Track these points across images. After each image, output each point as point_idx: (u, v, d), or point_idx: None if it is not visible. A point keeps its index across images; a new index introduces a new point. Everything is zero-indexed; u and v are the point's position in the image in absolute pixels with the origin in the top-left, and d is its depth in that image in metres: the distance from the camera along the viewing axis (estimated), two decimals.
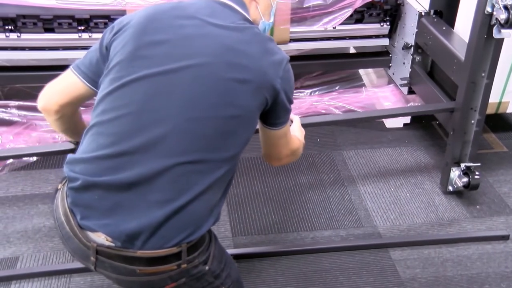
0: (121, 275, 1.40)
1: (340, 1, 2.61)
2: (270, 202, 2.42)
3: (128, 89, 1.36)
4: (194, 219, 1.40)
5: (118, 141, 1.34)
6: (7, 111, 2.71)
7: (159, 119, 1.34)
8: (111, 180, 1.33)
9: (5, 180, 2.52)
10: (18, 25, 2.53)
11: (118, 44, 1.40)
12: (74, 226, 1.38)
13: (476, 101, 2.25)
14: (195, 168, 1.37)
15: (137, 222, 1.34)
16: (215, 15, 1.43)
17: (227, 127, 1.40)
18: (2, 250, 2.16)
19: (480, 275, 2.11)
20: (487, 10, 2.03)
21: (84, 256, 1.40)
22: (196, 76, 1.37)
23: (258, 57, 1.41)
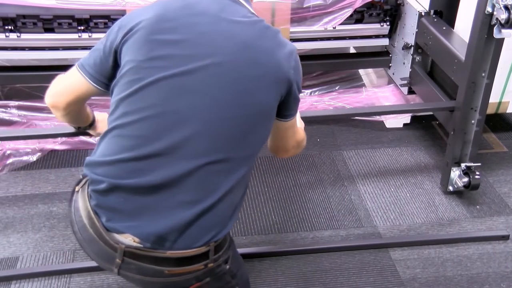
0: (147, 276, 1.40)
1: (340, 1, 2.61)
2: (270, 202, 2.42)
3: (149, 91, 1.35)
4: (221, 218, 1.41)
5: (142, 144, 1.35)
6: (7, 111, 2.72)
7: (183, 120, 1.34)
8: (137, 183, 1.34)
9: (5, 180, 2.53)
10: (18, 25, 2.54)
11: (130, 46, 1.38)
12: (100, 228, 1.37)
13: (476, 101, 2.25)
14: (220, 168, 1.38)
15: (165, 223, 1.35)
16: (225, 10, 1.43)
17: (249, 125, 1.41)
18: (2, 250, 2.16)
19: (480, 275, 2.12)
20: (488, 10, 2.03)
21: (108, 259, 1.39)
22: (216, 75, 1.36)
23: (272, 51, 1.41)
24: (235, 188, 1.41)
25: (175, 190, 1.34)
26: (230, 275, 1.53)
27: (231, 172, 1.40)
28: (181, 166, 1.34)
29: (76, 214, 1.44)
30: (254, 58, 1.39)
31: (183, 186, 1.35)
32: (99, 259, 1.43)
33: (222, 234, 1.42)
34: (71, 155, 2.69)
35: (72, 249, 2.17)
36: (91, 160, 1.41)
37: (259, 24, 1.44)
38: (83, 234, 1.42)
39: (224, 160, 1.38)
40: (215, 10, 1.42)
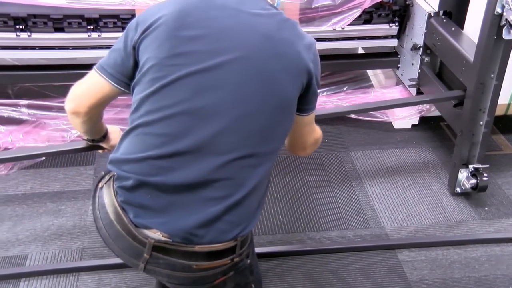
0: (175, 271, 1.40)
1: (349, 1, 2.61)
2: (277, 203, 2.42)
3: (173, 88, 1.35)
4: (248, 213, 1.42)
5: (169, 141, 1.34)
6: (17, 110, 2.73)
7: (209, 117, 1.34)
8: (164, 181, 1.34)
9: (15, 178, 2.53)
10: (29, 24, 2.55)
11: (150, 43, 1.37)
12: (128, 224, 1.37)
13: (485, 102, 2.25)
14: (246, 163, 1.38)
15: (194, 219, 1.35)
16: (244, 3, 1.42)
17: (274, 119, 1.41)
18: (11, 247, 2.18)
19: (488, 277, 2.11)
20: (497, 11, 2.03)
21: (135, 254, 1.39)
22: (240, 70, 1.36)
23: (292, 43, 1.41)
24: (261, 182, 1.42)
25: (202, 187, 1.35)
26: (249, 270, 1.56)
27: (257, 167, 1.40)
28: (208, 163, 1.35)
29: (101, 211, 1.43)
30: (275, 51, 1.39)
31: (211, 183, 1.35)
32: (125, 255, 1.43)
33: (249, 229, 1.43)
34: (79, 154, 2.70)
35: (80, 247, 2.19)
36: (116, 157, 1.41)
37: (279, 16, 1.43)
38: (108, 230, 1.42)
39: (250, 155, 1.38)
40: (234, 2, 1.42)
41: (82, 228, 2.28)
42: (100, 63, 1.45)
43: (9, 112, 2.71)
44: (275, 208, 2.38)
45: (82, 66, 2.59)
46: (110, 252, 2.08)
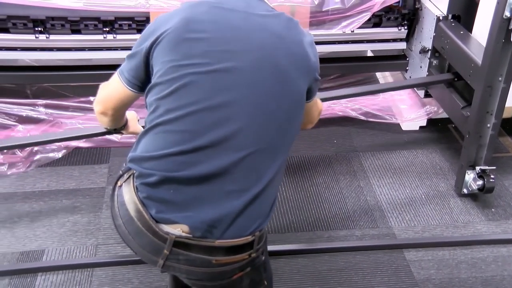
0: (195, 266, 1.41)
1: (359, 5, 2.62)
2: (287, 202, 2.42)
3: (192, 87, 1.37)
4: (265, 207, 1.43)
5: (190, 138, 1.36)
6: (35, 109, 2.75)
7: (228, 114, 1.36)
8: (186, 175, 1.36)
9: (32, 176, 2.55)
10: (47, 26, 2.57)
11: (163, 49, 1.40)
12: (149, 220, 1.38)
13: (493, 105, 2.25)
14: (264, 156, 1.40)
15: (216, 211, 1.36)
16: (251, 6, 1.45)
17: (289, 113, 1.44)
18: (29, 243, 2.20)
19: (495, 277, 2.10)
20: (506, 14, 2.03)
21: (155, 250, 1.40)
22: (257, 68, 1.38)
23: (300, 41, 1.44)
24: (276, 175, 1.44)
25: (223, 180, 1.37)
26: (263, 267, 1.57)
27: (274, 159, 1.43)
28: (228, 157, 1.36)
29: (120, 208, 1.44)
30: (287, 49, 1.42)
31: (231, 175, 1.37)
32: (144, 252, 1.43)
33: (265, 224, 1.44)
34: (94, 152, 2.72)
35: (94, 243, 2.20)
36: (136, 156, 1.43)
37: (283, 16, 1.47)
38: (128, 227, 1.43)
39: (268, 148, 1.41)
40: (242, 6, 1.44)
41: (96, 225, 2.29)
42: (120, 68, 1.51)
43: (27, 111, 2.73)
44: (284, 207, 2.38)
45: (98, 67, 2.71)
46: (123, 248, 2.11)
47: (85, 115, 2.71)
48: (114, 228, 2.08)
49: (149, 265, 1.99)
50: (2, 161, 2.56)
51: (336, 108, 2.81)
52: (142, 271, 2.07)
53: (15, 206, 2.38)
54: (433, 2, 2.73)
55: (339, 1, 2.61)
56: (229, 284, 1.48)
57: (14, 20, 2.54)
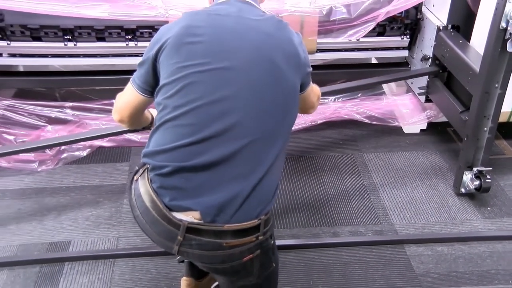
0: (207, 250, 1.43)
1: (364, 15, 2.62)
2: (295, 199, 2.42)
3: (196, 84, 1.40)
4: (268, 191, 1.45)
5: (196, 130, 1.39)
6: (63, 111, 2.76)
7: (230, 106, 1.39)
8: (196, 163, 1.38)
9: (60, 172, 2.58)
10: (75, 35, 2.61)
11: (167, 54, 1.43)
12: (163, 209, 1.40)
13: (489, 109, 2.24)
14: (265, 142, 1.43)
15: (224, 195, 1.39)
16: (243, 11, 1.50)
17: (284, 102, 1.46)
18: (56, 234, 2.22)
19: (490, 272, 2.10)
20: (502, 25, 2.02)
21: (170, 237, 1.42)
22: (252, 63, 1.42)
23: (289, 39, 1.49)
24: (277, 160, 1.46)
25: (229, 165, 1.39)
26: (272, 251, 1.58)
27: (273, 146, 1.45)
28: (233, 145, 1.39)
29: (137, 200, 1.47)
30: (278, 46, 1.46)
31: (236, 161, 1.39)
32: (160, 239, 1.45)
33: (269, 207, 1.46)
34: (116, 151, 2.74)
35: (116, 236, 2.21)
36: (149, 151, 1.45)
37: (273, 19, 1.52)
38: (145, 217, 1.45)
39: (267, 136, 1.43)
40: (235, 11, 1.49)
41: (118, 219, 2.30)
42: (133, 76, 1.54)
43: (56, 113, 2.74)
44: (293, 205, 2.39)
45: (120, 72, 2.73)
46: (143, 241, 2.13)
47: (108, 117, 2.71)
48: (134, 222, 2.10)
49: (166, 257, 2.03)
50: (33, 158, 2.58)
51: (342, 112, 2.82)
52: (160, 262, 2.08)
53: (45, 200, 2.40)
54: (434, 13, 2.72)
55: (345, 12, 2.61)
56: (240, 267, 1.49)
57: (46, 29, 2.57)
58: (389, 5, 2.57)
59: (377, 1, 2.57)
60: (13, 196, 2.43)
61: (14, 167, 2.55)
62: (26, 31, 2.57)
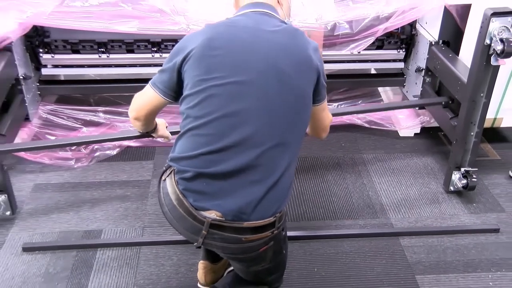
0: (228, 243, 1.45)
1: (364, 30, 2.62)
2: (301, 195, 2.44)
3: (213, 98, 1.39)
4: (283, 192, 1.46)
5: (216, 140, 1.39)
6: (96, 114, 2.80)
7: (246, 118, 1.39)
8: (215, 171, 1.39)
9: (93, 169, 2.61)
10: (108, 47, 2.65)
11: (190, 65, 1.42)
12: (189, 207, 1.42)
13: (476, 116, 2.25)
14: (279, 150, 1.42)
15: (241, 200, 1.40)
16: (260, 23, 1.47)
17: (297, 111, 1.45)
18: (90, 224, 2.25)
19: (474, 261, 2.11)
20: (486, 41, 2.04)
21: (195, 231, 1.44)
22: (264, 77, 1.40)
23: (303, 47, 1.46)
24: (290, 164, 1.46)
25: (246, 173, 1.39)
26: (283, 240, 1.60)
27: (287, 152, 1.44)
28: (249, 154, 1.39)
29: (165, 198, 1.48)
30: (292, 55, 1.43)
31: (252, 169, 1.39)
32: (187, 232, 1.47)
33: (283, 206, 1.47)
34: (142, 151, 2.75)
35: (141, 226, 2.23)
36: (175, 156, 1.46)
37: (289, 28, 1.49)
38: (173, 213, 1.47)
39: (281, 143, 1.42)
40: (252, 23, 1.47)
41: (143, 211, 2.32)
42: (153, 80, 1.54)
43: (90, 116, 2.78)
44: (299, 200, 2.41)
45: (146, 80, 2.67)
46: (165, 230, 2.19)
47: None
48: (158, 214, 2.17)
49: (186, 245, 2.07)
50: (71, 156, 2.61)
51: (344, 117, 2.84)
52: (180, 250, 2.10)
53: (80, 194, 2.43)
54: (427, 29, 2.73)
55: (348, 27, 2.61)
56: (256, 255, 1.51)
57: (83, 43, 2.63)
58: (387, 22, 2.58)
59: (376, 18, 2.58)
60: (54, 189, 2.46)
61: (55, 164, 2.57)
62: (67, 45, 2.62)
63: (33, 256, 2.07)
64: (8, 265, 2.03)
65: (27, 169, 2.58)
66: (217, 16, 2.46)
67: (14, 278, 1.97)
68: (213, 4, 2.57)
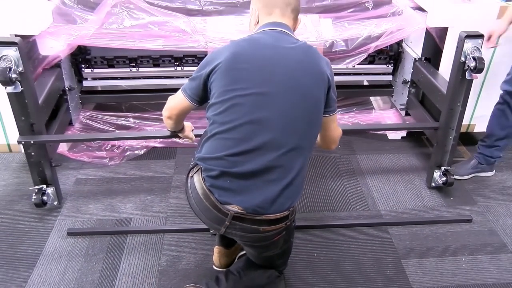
0: (247, 233, 1.46)
1: (358, 47, 2.64)
2: (304, 191, 2.39)
3: (237, 106, 1.40)
4: (296, 190, 1.47)
5: (239, 144, 1.40)
6: (127, 120, 2.84)
7: (267, 125, 1.39)
8: (239, 170, 1.40)
9: (124, 166, 2.63)
10: (138, 62, 2.69)
11: (217, 77, 1.42)
12: (214, 201, 1.42)
13: (454, 122, 2.27)
14: (294, 153, 1.43)
15: (261, 196, 1.41)
16: (279, 40, 1.46)
17: (311, 118, 1.45)
18: (121, 213, 2.28)
19: (451, 246, 2.13)
20: (462, 59, 2.08)
21: (219, 222, 1.45)
22: (284, 87, 1.39)
23: (316, 62, 1.46)
24: (303, 166, 1.46)
25: (265, 173, 1.40)
26: (293, 230, 1.66)
27: (302, 154, 1.45)
28: (268, 157, 1.39)
29: (193, 192, 1.48)
30: (306, 69, 1.43)
31: (270, 170, 1.40)
32: (210, 222, 1.48)
33: (296, 201, 1.49)
34: (165, 151, 2.76)
35: (165, 216, 2.24)
36: (202, 156, 1.47)
37: (304, 45, 1.48)
38: (199, 205, 1.47)
39: (297, 147, 1.43)
40: (272, 41, 1.46)
41: (166, 203, 2.33)
42: (184, 86, 1.57)
43: (122, 121, 2.83)
44: (301, 194, 2.27)
45: (170, 90, 2.63)
46: (185, 220, 2.20)
47: (160, 124, 2.75)
48: (178, 205, 2.11)
49: (203, 233, 2.05)
50: (105, 155, 2.65)
51: (340, 122, 2.81)
52: (199, 237, 2.12)
53: (113, 187, 2.46)
54: (411, 47, 2.77)
55: (344, 45, 2.62)
56: (270, 243, 1.54)
57: (117, 59, 2.67)
58: (377, 40, 2.60)
59: (368, 37, 2.60)
60: (91, 183, 2.49)
61: (92, 162, 2.62)
62: (104, 61, 2.67)
63: (76, 239, 2.11)
64: (57, 247, 2.09)
65: (70, 166, 2.61)
66: (232, 35, 2.50)
67: (61, 257, 2.03)
68: (227, 25, 2.59)
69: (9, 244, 2.09)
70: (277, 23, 1.51)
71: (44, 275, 1.94)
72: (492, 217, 2.33)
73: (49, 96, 2.31)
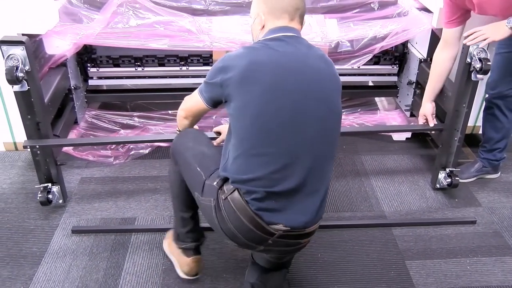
0: (288, 247, 1.48)
1: (364, 48, 2.62)
2: None
3: None
4: (326, 199, 1.49)
5: (277, 158, 1.37)
6: (132, 119, 2.84)
7: (295, 142, 1.37)
8: (282, 188, 1.38)
9: (128, 165, 2.63)
10: (143, 62, 2.69)
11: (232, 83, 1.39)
12: (262, 223, 1.38)
13: (459, 124, 2.26)
14: (325, 162, 1.44)
15: (305, 211, 1.41)
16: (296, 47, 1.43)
17: (337, 128, 1.47)
18: (126, 212, 2.28)
19: (455, 248, 2.13)
20: (467, 60, 2.07)
21: (259, 241, 1.43)
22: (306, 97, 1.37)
23: (331, 66, 1.46)
24: (331, 173, 1.50)
25: (305, 186, 1.40)
26: None
27: (330, 163, 1.47)
28: (304, 168, 1.39)
29: (231, 216, 1.42)
30: (326, 76, 1.43)
31: (309, 181, 1.40)
32: (250, 243, 1.45)
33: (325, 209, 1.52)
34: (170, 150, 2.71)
35: (169, 215, 2.22)
36: (239, 178, 1.39)
37: (320, 53, 1.46)
38: (238, 229, 1.42)
39: (327, 156, 1.45)
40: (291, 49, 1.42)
41: (170, 202, 2.15)
42: (200, 88, 1.54)
43: (127, 120, 2.83)
44: None
45: (175, 89, 2.78)
46: None
47: (165, 124, 2.76)
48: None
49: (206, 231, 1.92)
50: (110, 154, 2.64)
51: (345, 123, 2.85)
52: None
53: (118, 186, 2.46)
54: (417, 48, 2.75)
55: (349, 45, 2.60)
56: (294, 250, 1.55)
57: (123, 58, 2.68)
58: (383, 41, 2.57)
59: (373, 38, 2.59)
60: (96, 182, 2.49)
61: (97, 161, 2.61)
62: (110, 60, 2.68)
63: (80, 237, 2.12)
64: (61, 245, 2.09)
65: (75, 164, 2.62)
66: (237, 35, 2.50)
67: (66, 255, 2.03)
68: (233, 25, 2.60)
69: (15, 242, 2.10)
70: (288, 27, 1.47)
71: (49, 273, 1.95)
72: (497, 219, 2.32)
73: (55, 95, 2.32)
